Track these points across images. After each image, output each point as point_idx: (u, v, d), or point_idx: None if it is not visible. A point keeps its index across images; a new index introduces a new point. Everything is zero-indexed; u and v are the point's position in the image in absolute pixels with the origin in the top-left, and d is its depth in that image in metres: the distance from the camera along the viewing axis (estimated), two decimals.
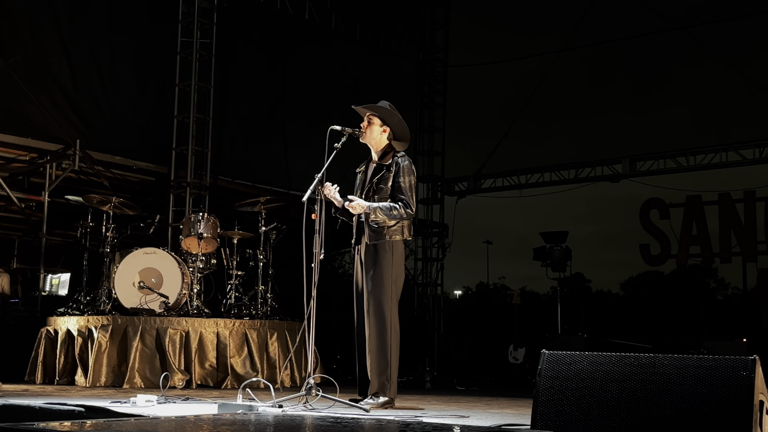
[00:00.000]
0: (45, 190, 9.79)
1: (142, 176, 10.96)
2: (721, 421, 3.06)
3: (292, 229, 7.64)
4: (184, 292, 7.73)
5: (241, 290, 8.29)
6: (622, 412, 3.27)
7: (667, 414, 3.18)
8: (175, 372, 7.15)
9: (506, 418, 4.56)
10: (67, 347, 7.47)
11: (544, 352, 3.57)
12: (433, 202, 15.02)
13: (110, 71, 10.47)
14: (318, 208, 4.99)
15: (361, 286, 5.22)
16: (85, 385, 7.08)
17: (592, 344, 10.70)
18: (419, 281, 14.73)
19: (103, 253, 7.99)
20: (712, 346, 10.04)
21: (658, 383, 3.24)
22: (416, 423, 3.12)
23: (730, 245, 12.85)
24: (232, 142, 11.80)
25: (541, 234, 13.05)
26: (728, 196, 12.89)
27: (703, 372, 3.17)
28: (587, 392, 3.38)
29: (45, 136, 9.78)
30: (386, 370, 5.03)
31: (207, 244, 8.00)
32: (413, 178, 5.25)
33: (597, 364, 3.41)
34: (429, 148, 14.92)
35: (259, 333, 7.71)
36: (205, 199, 10.60)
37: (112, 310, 7.62)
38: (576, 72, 13.82)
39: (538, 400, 3.48)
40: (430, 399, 6.51)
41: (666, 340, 13.40)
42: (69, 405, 4.61)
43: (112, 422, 2.94)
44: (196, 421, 2.94)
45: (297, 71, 12.44)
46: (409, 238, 5.29)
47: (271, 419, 3.14)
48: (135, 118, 10.76)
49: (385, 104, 5.34)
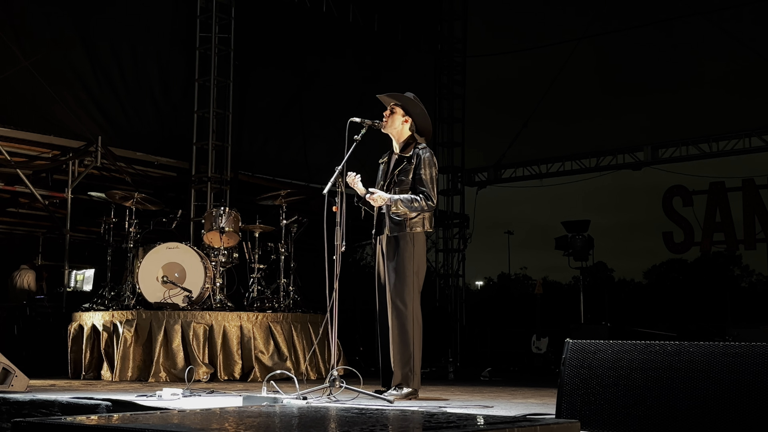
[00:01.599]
0: (68, 187, 9.87)
1: (163, 172, 11.02)
2: (749, 409, 3.03)
3: (313, 222, 7.66)
4: (207, 286, 7.77)
5: (263, 284, 8.32)
6: (647, 401, 3.25)
7: (693, 402, 3.16)
8: (199, 365, 7.20)
9: (531, 407, 4.55)
10: (93, 342, 7.55)
11: (568, 341, 3.56)
12: (454, 193, 14.99)
13: (131, 68, 10.52)
14: (339, 200, 4.99)
15: (383, 278, 5.23)
16: (111, 380, 7.15)
17: (615, 333, 10.64)
18: (441, 272, 14.72)
19: (126, 248, 8.05)
20: (737, 333, 9.95)
21: (684, 371, 3.22)
22: (440, 413, 3.12)
23: (754, 232, 12.71)
24: (252, 136, 11.83)
25: (562, 223, 12.98)
26: (752, 182, 12.75)
27: (730, 359, 3.14)
28: (612, 381, 3.36)
29: (67, 133, 9.86)
30: (409, 362, 5.03)
31: (229, 238, 8.03)
32: (434, 170, 5.24)
33: (622, 353, 3.39)
34: (449, 139, 14.88)
35: (282, 326, 7.74)
36: (226, 194, 10.65)
37: (136, 305, 7.68)
38: (595, 60, 13.71)
39: (563, 390, 3.47)
40: (453, 390, 6.51)
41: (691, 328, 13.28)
42: (96, 399, 4.66)
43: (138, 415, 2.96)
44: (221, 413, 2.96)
45: (315, 64, 12.45)
46: (430, 230, 5.28)
47: (295, 411, 3.15)
48: (156, 114, 10.82)
49: (409, 95, 5.33)
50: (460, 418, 2.78)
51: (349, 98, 11.97)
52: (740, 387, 3.08)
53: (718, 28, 12.22)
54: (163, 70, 10.88)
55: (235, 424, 2.54)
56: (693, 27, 12.67)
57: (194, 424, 2.58)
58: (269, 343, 7.62)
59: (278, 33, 12.13)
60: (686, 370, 3.22)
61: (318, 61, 12.47)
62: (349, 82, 12.58)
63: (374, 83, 12.26)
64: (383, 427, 2.50)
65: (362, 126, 5.17)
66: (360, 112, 5.37)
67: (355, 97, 11.85)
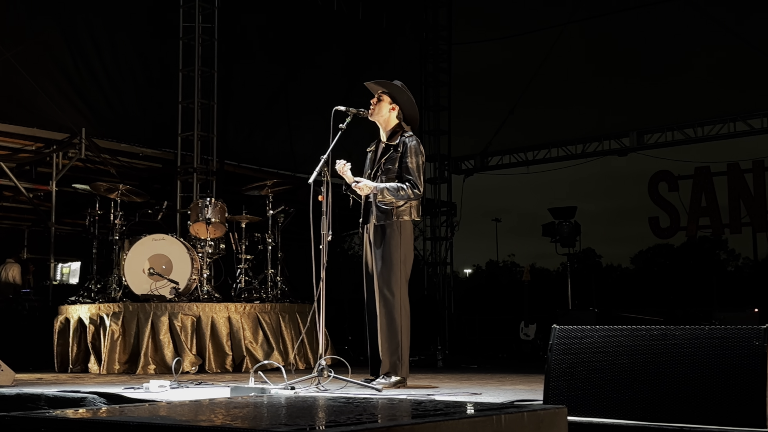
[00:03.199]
0: (52, 180, 9.81)
1: (148, 163, 10.97)
2: (735, 391, 3.05)
3: (300, 212, 7.64)
4: (194, 278, 7.75)
5: (250, 274, 8.30)
6: (634, 385, 3.27)
7: (679, 386, 3.17)
8: (187, 357, 7.18)
9: (519, 394, 4.56)
10: (80, 335, 7.51)
11: (554, 327, 3.56)
12: (441, 181, 14.99)
13: (113, 58, 10.45)
14: (325, 189, 4.97)
15: (371, 267, 5.22)
16: (99, 373, 7.12)
17: (603, 319, 10.68)
18: (429, 261, 14.73)
19: (112, 240, 8.00)
20: (723, 317, 10.01)
21: (670, 355, 3.23)
22: (429, 401, 3.12)
23: (739, 216, 12.79)
24: (237, 126, 11.78)
25: (549, 210, 13.00)
26: (737, 167, 12.81)
27: (715, 342, 3.16)
28: (599, 366, 3.37)
29: (51, 125, 9.78)
30: (397, 350, 5.03)
31: (215, 229, 8.00)
32: (421, 159, 5.22)
33: (608, 338, 3.40)
34: (435, 127, 14.87)
35: (270, 316, 7.72)
36: (212, 185, 10.61)
37: (122, 298, 7.64)
38: (580, 45, 13.72)
39: (550, 375, 3.48)
40: (442, 377, 6.52)
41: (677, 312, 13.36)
42: (82, 392, 4.64)
43: (126, 408, 2.95)
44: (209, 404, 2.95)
45: (300, 53, 12.39)
46: (417, 219, 5.28)
47: (283, 401, 3.15)
48: (140, 104, 10.76)
49: (397, 83, 5.32)
50: (447, 406, 2.78)
51: (335, 87, 11.94)
52: (726, 370, 3.10)
53: (703, 14, 12.23)
54: (147, 61, 10.81)
55: (222, 415, 2.53)
56: (679, 12, 12.69)
57: (181, 415, 2.57)
58: (257, 333, 7.61)
59: (262, 22, 12.08)
60: (672, 354, 3.23)
61: (303, 50, 12.41)
62: (335, 71, 12.54)
63: (359, 72, 12.22)
64: (371, 416, 2.50)
65: (347, 114, 5.15)
66: (346, 100, 5.34)
67: (340, 85, 11.81)
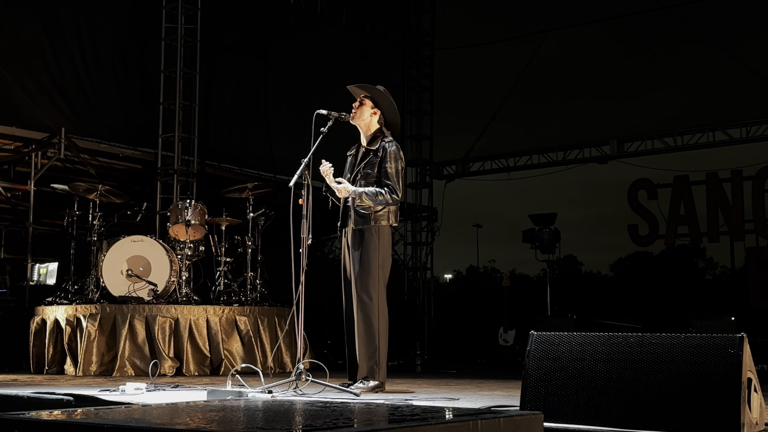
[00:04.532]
0: (31, 179, 9.72)
1: (128, 164, 10.89)
2: (710, 399, 3.07)
3: (280, 215, 7.62)
4: (173, 280, 7.71)
5: (230, 277, 8.27)
6: (610, 392, 3.29)
7: (655, 393, 3.19)
8: (165, 359, 7.14)
9: (496, 399, 4.57)
10: (56, 337, 7.45)
11: (532, 334, 3.58)
12: (422, 186, 15.01)
13: (94, 59, 10.38)
14: (305, 193, 4.96)
15: (349, 271, 5.22)
16: (75, 375, 7.06)
17: (581, 325, 10.73)
18: (409, 265, 14.74)
19: (90, 241, 7.95)
20: (700, 325, 10.09)
21: (647, 362, 3.25)
22: (406, 406, 3.12)
23: (717, 225, 12.89)
24: (218, 128, 11.74)
25: (529, 216, 13.06)
26: (715, 176, 12.93)
27: (691, 350, 3.18)
28: (576, 372, 3.38)
29: (30, 123, 9.70)
30: (374, 355, 5.02)
31: (195, 231, 7.97)
32: (400, 164, 5.23)
33: (585, 344, 3.42)
34: (417, 132, 14.89)
35: (249, 319, 7.70)
36: (192, 186, 10.56)
37: (100, 299, 7.59)
38: (563, 53, 13.80)
39: (528, 381, 3.49)
40: (420, 382, 6.53)
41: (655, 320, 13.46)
42: (58, 394, 4.60)
43: (101, 410, 2.93)
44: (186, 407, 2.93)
45: (282, 56, 12.38)
46: (396, 224, 5.28)
47: (260, 405, 3.13)
48: (121, 105, 10.70)
49: (380, 88, 5.32)
50: (424, 411, 2.78)
51: (316, 90, 11.92)
52: (701, 378, 3.12)
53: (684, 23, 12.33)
54: (128, 61, 10.75)
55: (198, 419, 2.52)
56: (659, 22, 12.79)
57: (157, 418, 2.55)
58: (236, 336, 7.58)
59: (245, 24, 12.04)
60: (649, 361, 3.25)
61: (285, 53, 12.40)
62: (316, 74, 12.53)
63: (342, 75, 12.21)
64: (347, 420, 2.49)
65: (329, 118, 5.16)
66: (327, 104, 5.34)
67: (321, 89, 11.79)
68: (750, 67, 11.97)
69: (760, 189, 12.54)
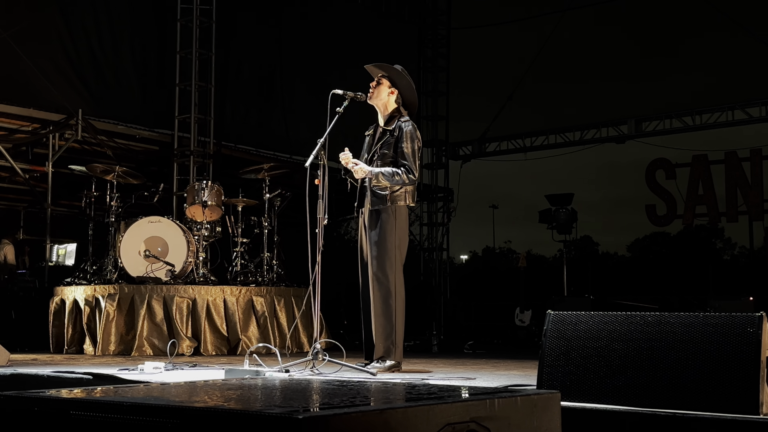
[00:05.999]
0: (49, 161, 9.77)
1: (145, 145, 10.93)
2: (728, 378, 3.05)
3: (296, 195, 7.62)
4: (190, 260, 7.74)
5: (246, 257, 8.29)
6: (627, 371, 3.27)
7: (673, 372, 3.18)
8: (183, 339, 7.19)
9: (513, 379, 4.57)
10: (75, 317, 7.51)
11: (549, 313, 3.56)
12: (438, 166, 14.98)
13: (111, 40, 10.40)
14: (321, 173, 4.95)
15: (366, 252, 5.21)
16: (94, 354, 7.12)
17: (598, 306, 10.69)
18: (425, 246, 14.73)
19: (108, 222, 7.99)
20: (718, 305, 10.03)
21: (665, 341, 3.23)
22: (422, 385, 3.13)
23: (736, 204, 12.79)
24: (234, 110, 11.74)
25: (546, 196, 13.01)
26: (734, 155, 12.81)
27: (709, 329, 3.16)
28: (593, 352, 3.37)
29: (48, 105, 9.74)
30: (391, 335, 5.03)
31: (211, 211, 7.99)
32: (417, 144, 5.20)
33: (602, 324, 3.40)
34: (433, 112, 14.84)
35: (265, 299, 7.73)
36: (209, 167, 10.58)
37: (118, 279, 7.64)
38: (581, 33, 13.68)
39: (544, 361, 3.48)
40: (437, 362, 6.53)
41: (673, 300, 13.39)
42: (77, 373, 4.64)
43: (120, 388, 2.95)
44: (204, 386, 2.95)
45: (298, 36, 12.33)
46: (413, 204, 5.26)
47: (277, 383, 3.14)
48: (138, 86, 10.72)
49: (397, 67, 5.29)
50: (441, 390, 2.78)
51: (332, 70, 11.88)
52: (720, 357, 3.10)
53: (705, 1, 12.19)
54: (145, 42, 10.76)
55: (216, 397, 2.53)
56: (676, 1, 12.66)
57: (175, 396, 2.57)
58: (251, 316, 7.61)
59: (260, 4, 12.00)
60: (666, 340, 3.23)
61: (300, 32, 12.35)
62: (332, 54, 12.48)
63: (357, 56, 12.16)
64: (364, 399, 2.50)
65: (344, 98, 5.14)
66: (342, 84, 5.32)
67: (337, 68, 11.75)
68: None
69: None
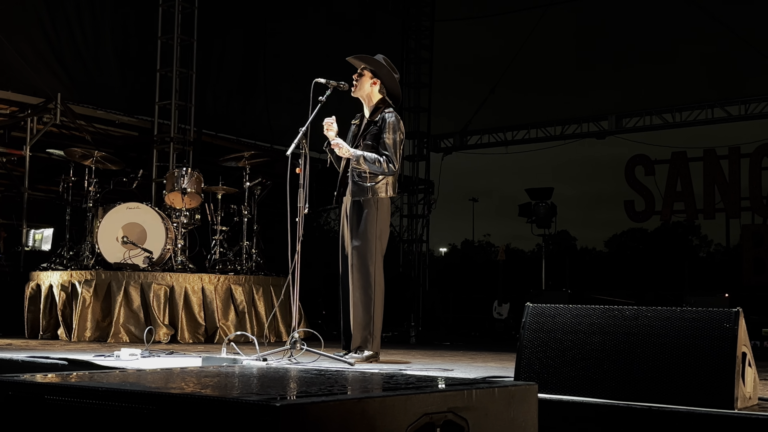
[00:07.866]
0: (26, 145, 9.66)
1: (124, 131, 10.84)
2: (705, 373, 3.08)
3: (277, 184, 7.59)
4: (168, 247, 7.69)
5: (225, 246, 8.26)
6: (605, 364, 3.29)
7: (650, 366, 3.20)
8: (160, 327, 7.15)
9: (490, 370, 4.59)
10: (51, 302, 7.45)
11: (528, 305, 3.58)
12: (419, 158, 14.98)
13: (92, 25, 10.29)
14: (302, 162, 4.93)
15: (347, 241, 5.21)
16: (70, 340, 7.07)
17: (576, 300, 10.76)
18: (405, 238, 14.74)
19: (86, 208, 7.92)
20: (694, 301, 10.11)
21: (642, 335, 3.25)
22: (400, 375, 3.13)
23: (713, 201, 12.89)
24: (216, 97, 11.67)
25: (526, 190, 13.05)
26: (713, 153, 12.91)
27: (686, 324, 3.18)
28: (570, 344, 3.39)
29: (26, 88, 9.63)
30: (369, 325, 5.03)
31: (191, 199, 7.95)
32: (399, 135, 5.18)
33: (581, 317, 3.42)
34: (415, 104, 14.82)
35: (244, 288, 7.70)
36: (188, 154, 10.51)
37: (95, 265, 7.58)
38: (563, 27, 13.71)
39: (522, 353, 3.50)
40: (415, 353, 6.55)
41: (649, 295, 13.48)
42: (52, 358, 4.61)
43: (95, 374, 2.93)
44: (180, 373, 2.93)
45: (282, 25, 12.28)
46: (394, 195, 5.25)
47: (255, 371, 3.13)
48: (118, 72, 10.62)
49: (379, 57, 5.27)
50: (419, 380, 2.78)
51: (315, 60, 11.84)
52: (696, 352, 3.12)
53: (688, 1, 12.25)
54: (126, 27, 10.66)
55: (193, 384, 2.51)
56: None
57: (151, 382, 2.55)
58: (230, 305, 7.59)
59: None
60: (644, 334, 3.25)
61: (283, 22, 12.29)
62: (316, 44, 12.43)
63: (340, 46, 12.12)
64: (342, 388, 2.49)
65: (327, 87, 5.12)
66: (326, 74, 5.29)
67: (320, 58, 11.71)
68: (751, 45, 11.91)
69: (757, 166, 12.53)
